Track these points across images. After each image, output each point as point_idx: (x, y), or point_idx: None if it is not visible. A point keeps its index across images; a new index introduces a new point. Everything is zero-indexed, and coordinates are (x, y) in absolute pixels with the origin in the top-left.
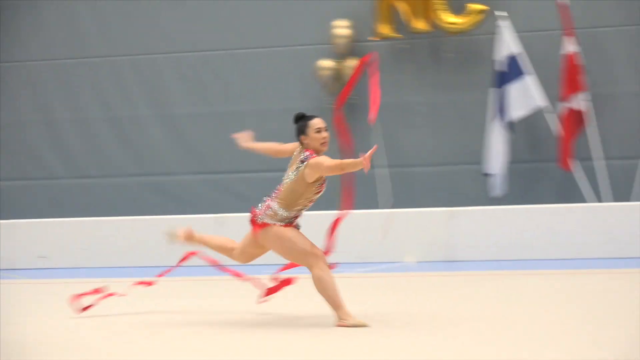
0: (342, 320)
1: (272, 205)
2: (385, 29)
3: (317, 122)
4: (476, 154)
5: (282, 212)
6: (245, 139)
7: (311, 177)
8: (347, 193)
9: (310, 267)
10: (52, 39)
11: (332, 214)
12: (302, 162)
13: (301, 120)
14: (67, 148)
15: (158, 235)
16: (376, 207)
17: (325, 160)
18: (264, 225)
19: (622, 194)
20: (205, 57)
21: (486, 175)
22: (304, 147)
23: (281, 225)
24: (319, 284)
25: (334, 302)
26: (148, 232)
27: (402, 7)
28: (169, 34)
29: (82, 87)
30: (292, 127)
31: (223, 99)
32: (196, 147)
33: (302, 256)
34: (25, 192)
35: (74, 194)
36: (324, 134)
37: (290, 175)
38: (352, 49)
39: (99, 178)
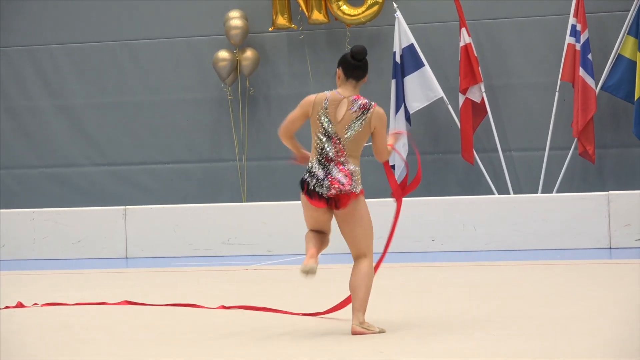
0: (366, 327)
1: (350, 168)
2: (282, 20)
3: None
4: None
5: (359, 171)
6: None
7: (383, 130)
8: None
9: (366, 256)
10: None
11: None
12: (363, 109)
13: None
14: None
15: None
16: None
17: None
18: (359, 193)
19: (525, 185)
20: (101, 48)
21: (392, 167)
22: (355, 90)
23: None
24: (367, 278)
25: (365, 303)
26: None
27: None
28: (65, 25)
29: None
30: (191, 116)
31: (122, 91)
32: (96, 138)
33: (371, 239)
34: None
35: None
36: None
37: (354, 127)
38: (248, 40)
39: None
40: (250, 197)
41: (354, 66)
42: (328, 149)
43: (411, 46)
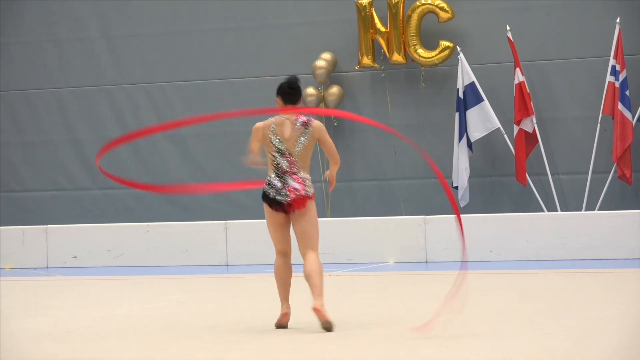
0: (324, 310)
1: (302, 176)
2: (367, 60)
3: None
4: (446, 169)
5: (310, 178)
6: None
7: (326, 137)
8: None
9: (313, 250)
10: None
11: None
12: (305, 126)
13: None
14: (91, 163)
15: (177, 240)
16: (361, 215)
17: None
18: (311, 196)
19: (571, 204)
20: (206, 85)
21: (455, 187)
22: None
23: None
24: (318, 267)
25: (322, 288)
26: (163, 238)
27: (382, 42)
28: (176, 64)
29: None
30: None
31: (227, 122)
32: (202, 162)
33: (318, 236)
34: (55, 201)
35: (98, 203)
36: None
37: (301, 141)
38: (336, 77)
39: (122, 189)
40: (333, 213)
41: (289, 93)
42: (282, 163)
43: (472, 84)
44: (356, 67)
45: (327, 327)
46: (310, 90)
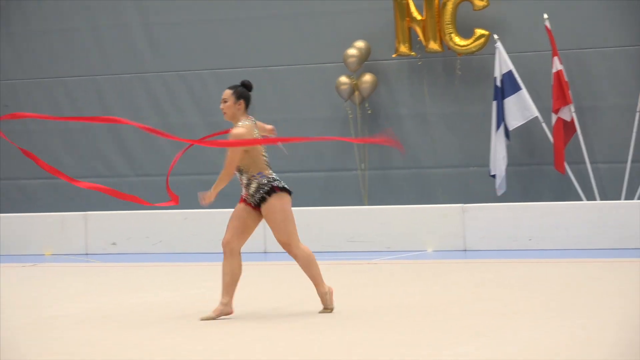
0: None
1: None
2: (403, 48)
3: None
4: (484, 158)
5: None
6: None
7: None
8: None
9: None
10: None
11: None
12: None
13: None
14: (130, 150)
15: (214, 227)
16: (399, 203)
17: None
18: None
19: (609, 193)
20: (241, 74)
21: (492, 176)
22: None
23: None
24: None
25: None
26: (201, 225)
27: (418, 30)
28: (216, 52)
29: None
30: (320, 131)
31: (262, 110)
32: None
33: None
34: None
35: (137, 190)
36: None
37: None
38: (370, 66)
39: (160, 176)
40: (370, 201)
41: (250, 97)
42: (269, 162)
43: (510, 72)
44: (393, 56)
45: None
46: (343, 79)
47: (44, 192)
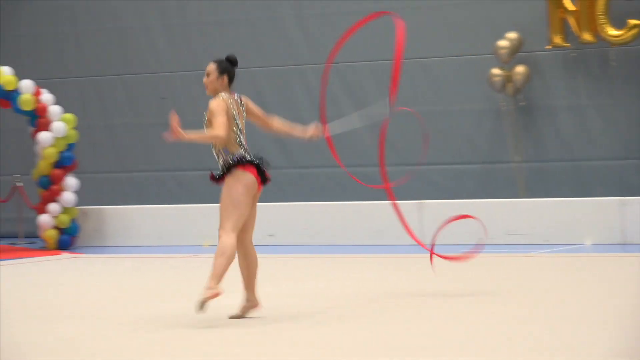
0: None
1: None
2: (557, 39)
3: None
4: None
5: None
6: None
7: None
8: None
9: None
10: None
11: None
12: (240, 100)
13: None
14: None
15: (372, 219)
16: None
17: None
18: None
19: None
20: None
21: None
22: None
23: None
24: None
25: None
26: (357, 217)
27: (572, 21)
28: (370, 44)
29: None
30: (474, 123)
31: (413, 101)
32: (395, 142)
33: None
34: None
35: (291, 181)
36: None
37: (243, 116)
38: (523, 57)
39: (317, 168)
40: (527, 194)
41: (234, 72)
42: (242, 139)
43: None
44: (547, 47)
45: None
46: (496, 71)
47: (199, 183)
